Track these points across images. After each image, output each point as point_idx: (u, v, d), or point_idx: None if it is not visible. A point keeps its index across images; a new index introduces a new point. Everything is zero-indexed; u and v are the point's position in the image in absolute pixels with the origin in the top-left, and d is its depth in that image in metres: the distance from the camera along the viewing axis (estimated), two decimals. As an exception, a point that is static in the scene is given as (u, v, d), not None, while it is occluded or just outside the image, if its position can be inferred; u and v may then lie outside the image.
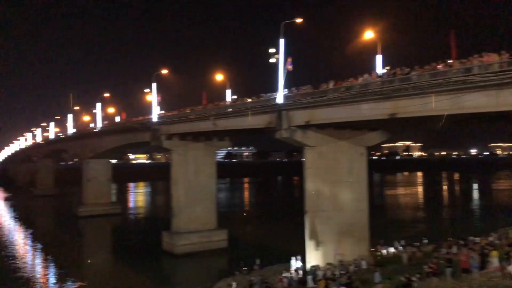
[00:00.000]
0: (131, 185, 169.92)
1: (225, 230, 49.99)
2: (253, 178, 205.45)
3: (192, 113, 48.03)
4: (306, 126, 33.14)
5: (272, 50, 35.93)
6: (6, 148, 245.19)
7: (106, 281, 39.52)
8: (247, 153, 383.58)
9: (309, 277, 29.46)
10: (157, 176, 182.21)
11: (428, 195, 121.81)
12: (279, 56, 34.90)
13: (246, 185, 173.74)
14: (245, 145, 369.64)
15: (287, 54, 34.70)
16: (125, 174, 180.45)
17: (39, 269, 44.38)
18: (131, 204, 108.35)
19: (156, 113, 55.07)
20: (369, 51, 32.40)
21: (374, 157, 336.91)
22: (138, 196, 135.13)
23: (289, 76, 34.42)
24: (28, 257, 49.89)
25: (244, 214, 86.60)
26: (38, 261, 48.24)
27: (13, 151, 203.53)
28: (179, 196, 49.74)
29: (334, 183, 34.23)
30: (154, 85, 55.62)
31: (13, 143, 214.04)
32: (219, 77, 49.37)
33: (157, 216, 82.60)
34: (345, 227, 34.06)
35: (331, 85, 31.60)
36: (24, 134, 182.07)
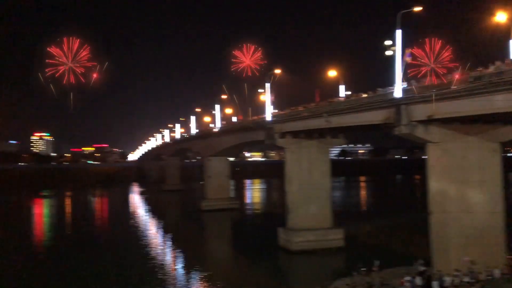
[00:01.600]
0: (247, 181, 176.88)
1: (341, 229, 49.07)
2: (370, 176, 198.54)
3: (305, 110, 48.06)
4: (429, 121, 30.85)
5: (388, 42, 34.16)
6: (139, 147, 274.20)
7: (228, 271, 41.78)
8: (362, 151, 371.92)
9: (435, 283, 27.46)
10: (272, 173, 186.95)
11: None
12: (396, 48, 33.02)
13: (362, 184, 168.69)
14: (361, 142, 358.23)
15: (405, 45, 32.70)
16: (242, 171, 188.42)
17: (169, 257, 48.68)
18: (248, 200, 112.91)
19: (269, 112, 56.31)
20: (501, 36, 28.94)
21: (510, 154, 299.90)
22: (254, 192, 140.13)
23: (408, 68, 32.41)
24: (160, 245, 55.02)
25: (361, 212, 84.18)
26: (168, 249, 52.92)
27: (146, 150, 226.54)
28: (293, 194, 50.20)
29: (462, 183, 31.30)
30: (267, 85, 56.91)
31: (145, 143, 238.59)
32: (332, 73, 48.61)
33: (272, 212, 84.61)
34: (475, 231, 30.94)
35: (456, 75, 28.94)
36: (154, 134, 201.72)
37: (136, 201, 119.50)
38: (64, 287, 36.21)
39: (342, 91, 47.78)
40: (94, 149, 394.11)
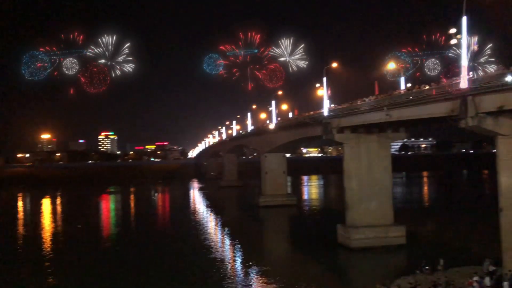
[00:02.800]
0: (305, 178, 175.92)
1: (403, 226, 47.49)
2: (433, 172, 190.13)
3: (364, 104, 46.85)
4: (499, 112, 28.94)
5: (452, 31, 32.45)
6: (198, 145, 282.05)
7: (286, 267, 41.82)
8: (425, 145, 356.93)
9: (505, 283, 25.90)
10: (329, 170, 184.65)
11: None
12: (462, 36, 31.28)
13: (425, 180, 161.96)
14: (423, 136, 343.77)
15: (470, 33, 30.86)
16: (299, 168, 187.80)
17: (227, 251, 49.65)
18: (305, 196, 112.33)
19: (326, 107, 55.55)
20: None
21: None
22: (311, 188, 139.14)
23: (474, 57, 30.59)
24: (218, 240, 56.31)
25: (422, 210, 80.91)
26: (227, 244, 54.01)
27: (204, 147, 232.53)
28: (352, 190, 49.22)
29: (537, 178, 29.07)
30: (324, 79, 56.22)
31: (204, 140, 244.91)
32: (391, 65, 47.11)
33: (331, 209, 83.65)
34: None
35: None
36: (212, 132, 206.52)
37: (196, 196, 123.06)
38: (127, 278, 37.95)
39: (403, 83, 46.16)
40: (155, 147, 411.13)
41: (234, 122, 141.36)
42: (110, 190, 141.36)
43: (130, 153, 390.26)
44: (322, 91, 57.09)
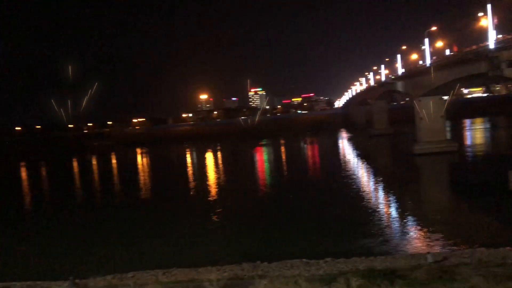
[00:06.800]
0: (467, 121, 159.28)
1: None
2: None
3: (544, 30, 39.47)
4: None
5: None
6: (345, 93, 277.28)
7: (451, 216, 39.36)
8: None
9: None
10: (497, 111, 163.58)
11: None
12: None
13: None
14: None
15: None
16: (459, 110, 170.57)
17: (384, 200, 48.66)
18: (467, 142, 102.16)
19: (492, 38, 48.56)
20: None
21: None
22: (475, 133, 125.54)
23: None
24: (373, 189, 55.47)
25: None
26: (383, 192, 52.87)
27: (351, 96, 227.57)
28: (528, 132, 42.89)
29: None
30: (489, 7, 48.92)
31: (350, 88, 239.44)
32: None
33: (499, 154, 74.68)
34: None
35: None
36: (359, 79, 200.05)
37: (345, 146, 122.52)
38: (285, 225, 40.21)
39: None
40: (301, 99, 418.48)
41: (382, 66, 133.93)
42: (262, 143, 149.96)
43: (278, 106, 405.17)
44: (486, 21, 50.00)
